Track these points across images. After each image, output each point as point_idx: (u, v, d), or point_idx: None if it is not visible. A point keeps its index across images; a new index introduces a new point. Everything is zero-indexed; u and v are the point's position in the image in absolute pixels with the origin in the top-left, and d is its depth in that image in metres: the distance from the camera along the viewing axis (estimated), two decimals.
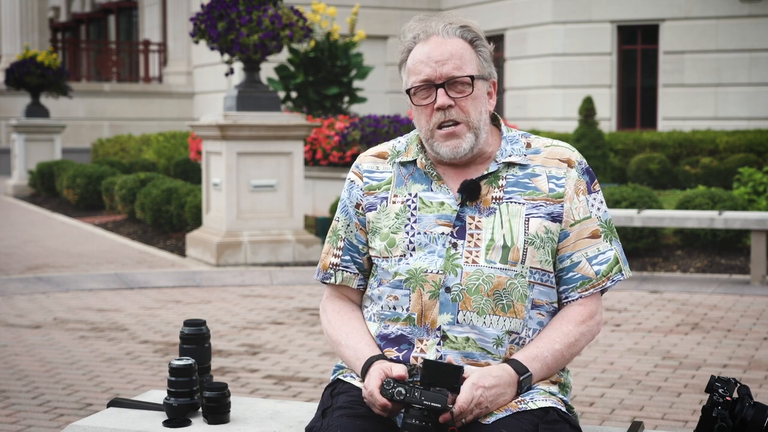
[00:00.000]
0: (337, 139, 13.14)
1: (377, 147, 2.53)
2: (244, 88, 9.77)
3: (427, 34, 2.37)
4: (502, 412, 2.27)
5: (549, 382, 2.39)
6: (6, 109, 23.28)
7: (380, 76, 20.51)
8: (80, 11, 34.04)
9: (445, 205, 2.38)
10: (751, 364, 5.67)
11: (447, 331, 2.33)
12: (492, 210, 2.37)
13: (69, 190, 14.97)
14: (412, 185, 2.43)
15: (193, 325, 2.68)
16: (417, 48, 2.38)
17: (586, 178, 2.43)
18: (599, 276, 2.40)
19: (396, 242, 2.39)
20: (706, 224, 8.53)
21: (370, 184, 2.47)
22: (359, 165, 2.52)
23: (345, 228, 2.49)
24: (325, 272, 2.52)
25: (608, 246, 2.42)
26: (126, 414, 2.65)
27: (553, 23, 17.80)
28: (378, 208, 2.44)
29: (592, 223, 2.41)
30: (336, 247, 2.50)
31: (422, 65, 2.35)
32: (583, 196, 2.41)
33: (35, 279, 8.73)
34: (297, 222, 9.83)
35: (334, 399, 2.39)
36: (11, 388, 5.20)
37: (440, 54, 2.34)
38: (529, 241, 2.35)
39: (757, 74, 16.48)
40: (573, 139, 14.00)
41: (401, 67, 2.43)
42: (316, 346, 6.15)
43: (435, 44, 2.36)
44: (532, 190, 2.38)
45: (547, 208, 2.38)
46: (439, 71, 2.34)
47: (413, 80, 2.37)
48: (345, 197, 2.51)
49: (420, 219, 2.39)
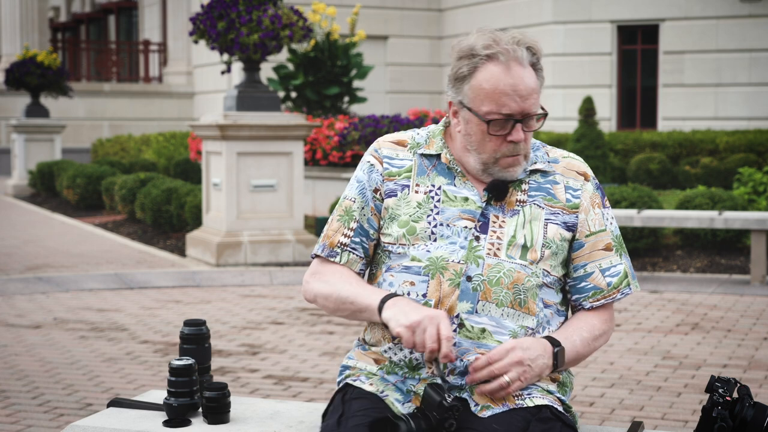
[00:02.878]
0: (337, 139, 13.14)
1: (395, 134, 2.52)
2: (244, 88, 9.77)
3: (507, 57, 2.31)
4: (500, 407, 2.29)
5: (548, 379, 2.40)
6: (6, 109, 23.28)
7: (380, 76, 20.51)
8: (80, 11, 34.05)
9: (469, 201, 2.40)
10: (751, 364, 5.67)
11: (465, 319, 2.34)
12: (515, 211, 2.40)
13: (69, 190, 14.97)
14: (436, 177, 2.44)
15: (193, 325, 2.68)
16: (493, 71, 2.32)
17: (600, 193, 2.49)
18: (610, 288, 2.46)
19: (416, 231, 2.39)
20: (706, 224, 8.53)
21: (390, 170, 2.46)
22: (378, 149, 2.49)
23: (359, 210, 2.46)
24: (332, 249, 2.47)
25: (619, 260, 2.47)
26: (126, 414, 2.65)
27: (553, 23, 17.80)
28: (398, 195, 2.44)
29: (606, 236, 2.47)
30: (348, 227, 2.46)
31: (507, 98, 2.32)
32: (599, 210, 2.47)
33: (35, 279, 8.73)
34: (297, 222, 9.83)
35: (346, 405, 2.37)
36: (11, 388, 5.20)
37: (524, 88, 2.32)
38: (547, 244, 2.40)
39: (757, 74, 16.48)
40: (573, 139, 13.99)
41: (462, 80, 2.36)
42: (316, 346, 6.15)
43: (518, 76, 2.31)
44: (552, 197, 2.43)
45: (563, 216, 2.43)
46: (521, 106, 2.32)
47: (491, 109, 2.33)
48: (363, 179, 2.47)
49: (443, 211, 2.40)
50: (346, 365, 2.52)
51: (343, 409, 2.36)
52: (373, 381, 2.42)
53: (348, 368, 2.51)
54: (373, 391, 2.39)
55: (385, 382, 2.41)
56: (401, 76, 21.04)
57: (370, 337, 2.48)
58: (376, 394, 2.38)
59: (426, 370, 2.37)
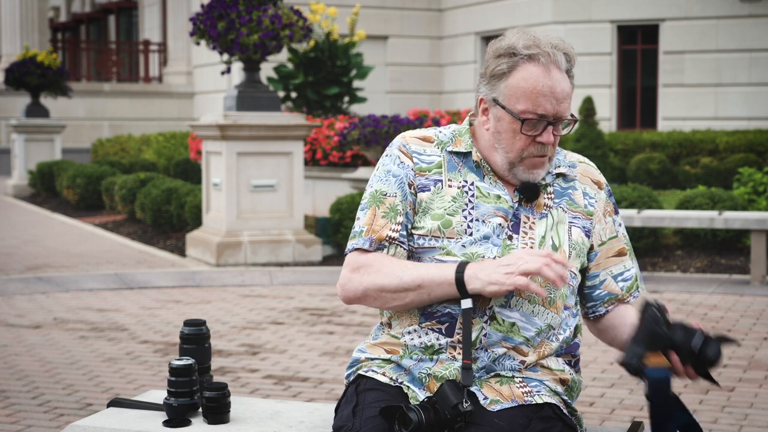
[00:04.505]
0: (337, 139, 13.15)
1: (419, 131, 2.51)
2: (244, 88, 9.78)
3: (547, 60, 2.34)
4: (508, 402, 2.31)
5: (558, 380, 2.41)
6: (6, 109, 23.28)
7: (380, 76, 20.51)
8: (80, 11, 34.05)
9: (501, 199, 2.42)
10: (751, 364, 5.67)
11: (497, 312, 2.35)
12: (544, 214, 2.44)
13: (69, 190, 14.97)
14: (467, 173, 2.45)
15: (193, 325, 2.68)
16: (533, 71, 2.35)
17: (612, 200, 2.54)
18: (624, 291, 2.52)
19: (452, 224, 2.39)
20: (706, 224, 8.53)
21: (420, 165, 2.45)
22: (406, 145, 2.48)
23: (402, 204, 2.43)
24: (380, 243, 2.41)
25: (631, 264, 2.54)
26: (126, 414, 2.65)
27: (553, 23, 17.80)
28: (432, 189, 2.43)
29: (618, 242, 2.52)
30: (395, 222, 2.42)
31: (544, 99, 2.34)
32: (610, 218, 2.52)
33: (35, 279, 8.73)
34: (297, 222, 9.84)
35: (361, 396, 2.37)
36: (11, 388, 5.20)
37: (561, 92, 2.35)
38: (573, 246, 2.44)
39: (757, 74, 16.48)
40: (573, 139, 14.00)
41: (498, 77, 2.38)
42: (316, 346, 6.15)
43: (556, 79, 2.35)
44: (572, 202, 2.48)
45: (582, 221, 2.48)
46: (556, 109, 2.35)
47: (527, 108, 2.35)
48: (400, 174, 2.44)
49: (477, 206, 2.41)
50: (356, 358, 2.50)
51: (358, 399, 2.36)
52: (385, 370, 2.41)
53: (358, 360, 2.49)
54: (386, 381, 2.39)
55: (398, 370, 2.41)
56: (401, 76, 21.04)
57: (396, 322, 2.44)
58: (391, 384, 2.38)
59: (447, 354, 2.36)
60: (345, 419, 2.33)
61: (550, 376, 2.40)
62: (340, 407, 2.43)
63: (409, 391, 2.37)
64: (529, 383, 2.36)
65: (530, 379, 2.37)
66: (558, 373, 2.42)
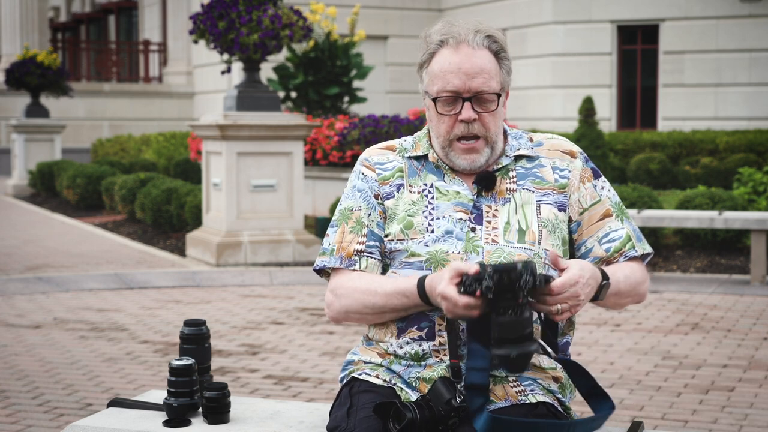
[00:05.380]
0: (337, 139, 13.14)
1: (383, 143, 2.56)
2: (244, 88, 9.77)
3: (457, 41, 2.37)
4: (502, 402, 2.31)
5: (551, 378, 2.41)
6: (6, 109, 23.28)
7: (380, 76, 20.51)
8: (80, 11, 34.04)
9: (461, 194, 2.42)
10: (751, 364, 5.67)
11: None
12: (506, 199, 2.42)
13: (69, 190, 14.97)
14: (426, 176, 2.47)
15: (193, 325, 2.68)
16: (444, 54, 2.38)
17: (590, 166, 2.50)
18: (610, 252, 2.44)
19: (414, 225, 2.41)
20: (706, 224, 8.53)
21: (383, 174, 2.49)
22: (369, 158, 2.53)
23: (367, 217, 2.47)
24: (350, 259, 2.45)
25: (620, 225, 2.46)
26: (126, 414, 2.65)
27: (553, 23, 17.80)
28: (396, 195, 2.47)
29: (601, 206, 2.47)
30: (360, 234, 2.46)
31: (451, 75, 2.36)
32: (589, 183, 2.48)
33: (35, 279, 8.73)
34: (297, 222, 9.83)
35: (355, 398, 2.38)
36: (11, 388, 5.20)
37: (470, 67, 2.35)
38: (543, 224, 2.40)
39: (757, 74, 16.48)
40: (573, 139, 13.98)
41: (423, 67, 2.44)
42: (316, 346, 6.15)
43: (465, 55, 2.36)
44: (540, 179, 2.44)
45: (554, 197, 2.44)
46: (468, 84, 2.36)
47: (439, 88, 2.38)
48: (364, 187, 2.49)
49: (438, 206, 2.42)
50: (349, 360, 2.52)
51: (352, 401, 2.37)
52: (378, 372, 2.43)
53: (352, 363, 2.51)
54: (380, 383, 2.40)
55: (390, 373, 2.42)
56: (401, 76, 21.03)
57: (373, 334, 2.48)
58: (384, 386, 2.39)
59: (433, 358, 2.37)
60: (339, 420, 2.34)
61: (543, 374, 2.40)
62: (334, 409, 2.44)
63: (402, 392, 2.38)
64: (522, 382, 2.36)
65: (523, 377, 2.37)
66: (550, 371, 2.42)
